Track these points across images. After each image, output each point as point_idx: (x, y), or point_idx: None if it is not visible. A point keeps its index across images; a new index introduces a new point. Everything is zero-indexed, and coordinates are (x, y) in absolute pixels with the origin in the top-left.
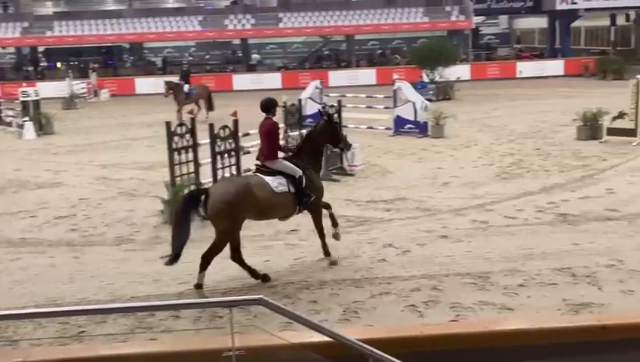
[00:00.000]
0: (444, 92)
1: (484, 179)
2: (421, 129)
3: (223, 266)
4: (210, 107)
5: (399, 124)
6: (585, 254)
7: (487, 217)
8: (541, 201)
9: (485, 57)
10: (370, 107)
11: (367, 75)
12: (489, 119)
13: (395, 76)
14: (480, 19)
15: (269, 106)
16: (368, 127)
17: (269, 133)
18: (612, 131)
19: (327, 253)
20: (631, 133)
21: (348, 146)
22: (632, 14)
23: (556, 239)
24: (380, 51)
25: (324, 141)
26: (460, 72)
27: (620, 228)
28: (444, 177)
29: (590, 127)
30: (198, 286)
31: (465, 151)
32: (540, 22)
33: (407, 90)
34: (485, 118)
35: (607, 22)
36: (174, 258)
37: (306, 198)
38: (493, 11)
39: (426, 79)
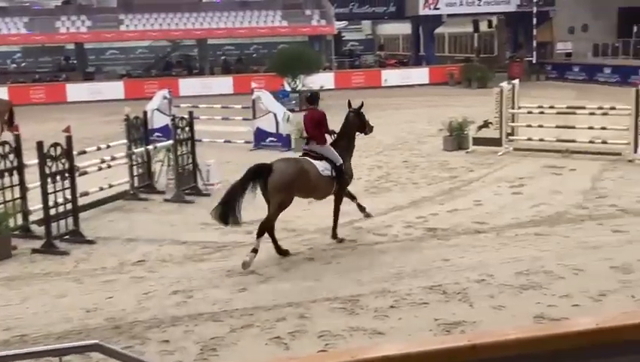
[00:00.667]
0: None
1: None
2: (284, 142)
3: (56, 304)
4: (10, 124)
5: (260, 137)
6: (455, 270)
7: (356, 235)
8: (410, 216)
9: (349, 65)
10: (227, 119)
11: (223, 84)
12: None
13: (254, 85)
14: (342, 24)
15: (314, 98)
16: (226, 141)
17: (318, 121)
18: (478, 141)
19: (335, 235)
20: (496, 142)
21: (371, 129)
22: (494, 20)
23: (427, 255)
24: (236, 57)
25: (354, 130)
26: (323, 80)
27: (488, 241)
28: None
29: (456, 138)
30: (255, 250)
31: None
32: (403, 28)
33: (267, 99)
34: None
35: (470, 28)
36: (223, 215)
37: (343, 183)
38: (355, 16)
39: (287, 88)
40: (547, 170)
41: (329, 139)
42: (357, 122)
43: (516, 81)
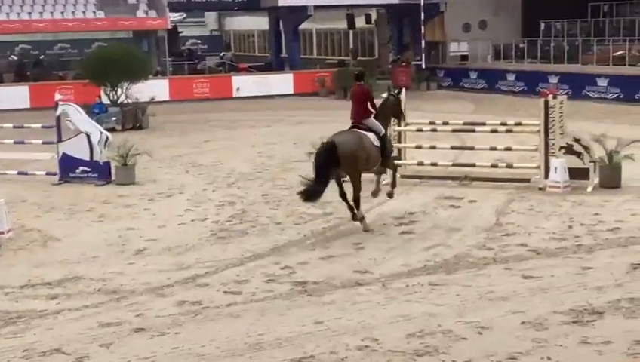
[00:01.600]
0: (132, 118)
1: (194, 240)
2: (101, 172)
3: None
4: None
5: (68, 166)
6: (331, 335)
7: (201, 295)
8: (273, 267)
9: (190, 70)
10: (21, 142)
11: (16, 95)
12: (199, 155)
13: (59, 96)
14: (179, 16)
15: (361, 76)
16: (20, 173)
17: (364, 96)
18: None
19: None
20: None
21: (404, 119)
22: (374, 15)
23: (294, 317)
24: (34, 60)
25: (390, 115)
26: (154, 89)
27: (372, 295)
28: (138, 242)
29: None
30: (361, 218)
31: (166, 202)
32: (259, 22)
33: (77, 116)
34: (194, 153)
35: (344, 24)
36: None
37: (388, 152)
38: (195, 6)
39: (105, 100)
40: (443, 201)
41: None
42: (395, 107)
43: (402, 91)
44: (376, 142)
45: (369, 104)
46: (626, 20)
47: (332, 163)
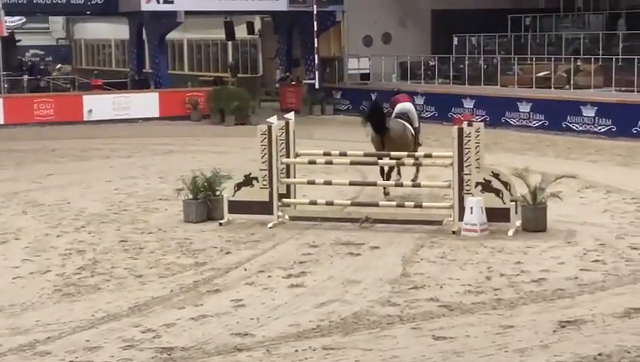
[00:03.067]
0: None
1: (33, 298)
2: None
3: None
4: None
5: None
6: None
7: None
8: (132, 330)
9: (30, 86)
10: None
11: None
12: (40, 192)
13: None
14: (17, 21)
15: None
16: None
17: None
18: (237, 207)
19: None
20: (264, 208)
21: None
22: (257, 23)
23: None
24: None
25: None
26: None
27: None
28: None
29: (203, 202)
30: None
31: (0, 249)
32: (118, 30)
33: None
34: (33, 190)
35: (221, 34)
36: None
37: (417, 141)
38: (37, 9)
39: None
40: (340, 248)
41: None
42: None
43: (292, 115)
44: (411, 132)
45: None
46: (551, 35)
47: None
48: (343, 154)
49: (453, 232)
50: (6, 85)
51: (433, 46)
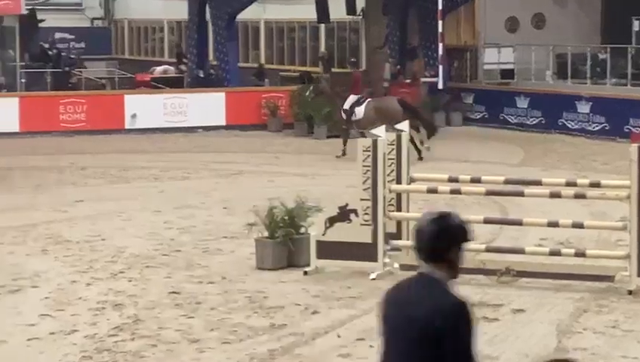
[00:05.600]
0: None
1: None
2: None
3: None
4: None
5: None
6: None
7: None
8: None
9: (56, 82)
10: None
11: None
12: (66, 224)
13: None
14: None
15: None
16: None
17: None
18: (328, 249)
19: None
20: (366, 252)
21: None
22: (361, 1)
23: None
24: None
25: None
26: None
27: None
28: None
29: (284, 242)
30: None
31: (8, 302)
32: (173, 7)
33: None
34: (57, 221)
35: (311, 14)
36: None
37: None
38: None
39: None
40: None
41: None
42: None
43: (405, 126)
44: None
45: None
46: None
47: None
48: (475, 181)
49: (630, 292)
50: (23, 80)
51: (604, 33)
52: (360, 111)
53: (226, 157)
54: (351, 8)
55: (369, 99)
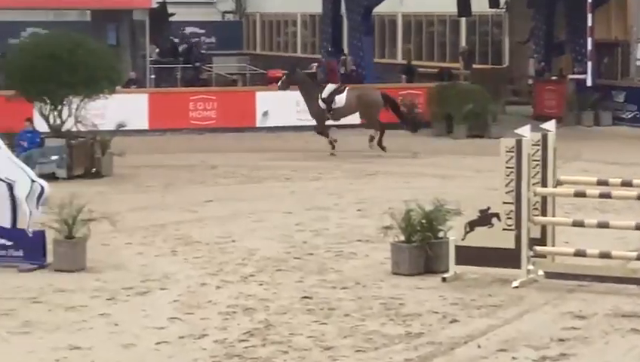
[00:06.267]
0: (86, 158)
1: None
2: (30, 249)
3: None
4: None
5: None
6: None
7: None
8: None
9: (186, 78)
10: None
11: None
12: (195, 225)
13: None
14: None
15: None
16: None
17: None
18: (468, 255)
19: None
20: (507, 258)
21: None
22: None
23: None
24: None
25: None
26: (125, 111)
27: None
28: None
29: (420, 246)
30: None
31: (138, 304)
32: (307, 1)
33: None
34: (186, 221)
35: (451, 8)
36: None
37: None
38: None
39: (41, 126)
40: (620, 323)
41: None
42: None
43: (551, 125)
44: None
45: None
46: None
47: None
48: (626, 184)
49: None
50: (153, 76)
51: None
52: (341, 100)
53: (360, 157)
54: (494, 1)
55: (348, 88)
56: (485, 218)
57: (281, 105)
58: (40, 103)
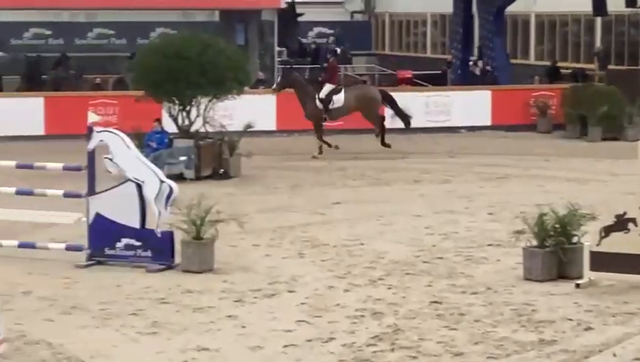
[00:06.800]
0: (214, 159)
1: None
2: (158, 250)
3: None
4: None
5: (103, 235)
6: None
7: None
8: None
9: (314, 78)
10: (27, 193)
11: (23, 112)
12: (323, 227)
13: (94, 117)
14: None
15: None
16: (22, 246)
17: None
18: (603, 260)
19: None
20: None
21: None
22: None
23: None
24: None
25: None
26: (253, 111)
27: None
28: None
29: (553, 252)
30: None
31: (265, 306)
32: (437, 1)
33: (121, 152)
34: (314, 223)
35: (585, 7)
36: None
37: None
38: None
39: (170, 127)
40: None
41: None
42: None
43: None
44: None
45: None
46: None
47: None
48: None
49: None
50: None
51: None
52: (339, 99)
53: (491, 160)
54: (631, 0)
55: (346, 87)
56: (621, 223)
57: (411, 106)
58: (169, 104)
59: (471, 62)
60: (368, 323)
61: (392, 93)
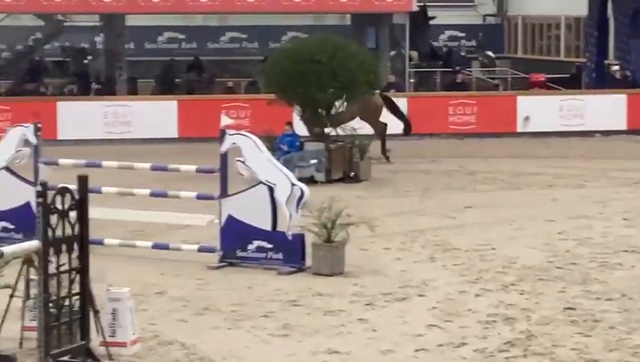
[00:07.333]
0: (344, 163)
1: None
2: (289, 252)
3: None
4: None
5: (235, 237)
6: None
7: None
8: None
9: (444, 82)
10: (161, 194)
11: (157, 115)
12: (454, 231)
13: (227, 120)
14: None
15: None
16: (156, 247)
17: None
18: None
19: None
20: None
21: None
22: None
23: None
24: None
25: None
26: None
27: None
28: None
29: None
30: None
31: (396, 310)
32: (572, 3)
33: (254, 155)
34: (444, 227)
35: None
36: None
37: None
38: None
39: (301, 130)
40: None
41: None
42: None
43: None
44: None
45: None
46: None
47: None
48: None
49: None
50: (412, 80)
51: None
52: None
53: (627, 165)
54: None
55: None
56: None
57: (544, 110)
58: (300, 108)
59: (616, 67)
60: (500, 329)
61: (394, 99)
